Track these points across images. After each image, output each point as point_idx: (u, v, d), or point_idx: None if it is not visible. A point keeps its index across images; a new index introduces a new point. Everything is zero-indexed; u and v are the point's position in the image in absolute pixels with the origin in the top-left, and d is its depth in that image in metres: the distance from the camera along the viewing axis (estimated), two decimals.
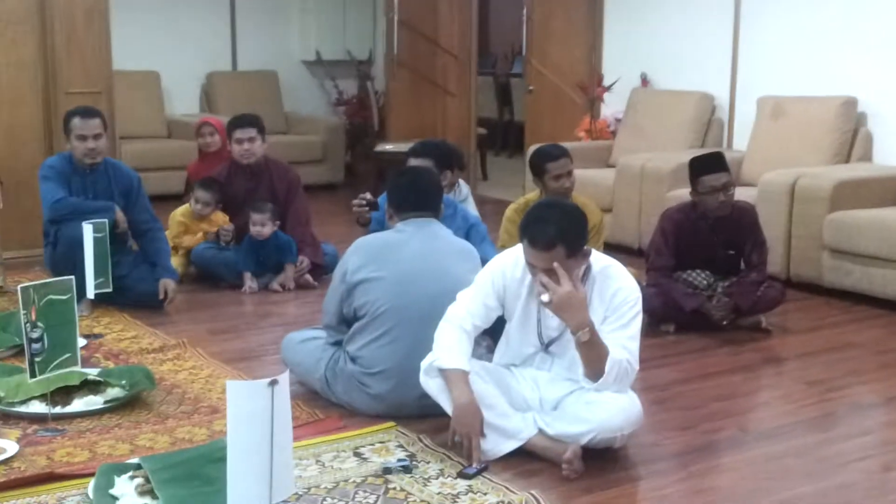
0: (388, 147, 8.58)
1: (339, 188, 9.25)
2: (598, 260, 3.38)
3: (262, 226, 5.56)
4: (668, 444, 3.50)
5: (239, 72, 9.62)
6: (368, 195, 4.86)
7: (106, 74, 6.17)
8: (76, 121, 5.04)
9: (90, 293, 4.61)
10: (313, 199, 6.15)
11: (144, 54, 8.80)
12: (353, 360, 3.67)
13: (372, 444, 3.39)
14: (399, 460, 3.24)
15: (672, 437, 3.57)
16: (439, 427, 3.42)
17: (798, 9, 6.61)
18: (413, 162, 4.70)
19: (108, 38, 6.13)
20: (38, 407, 3.58)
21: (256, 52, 9.68)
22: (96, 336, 4.59)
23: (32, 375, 3.44)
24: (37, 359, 3.43)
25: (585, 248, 3.26)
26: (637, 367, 3.32)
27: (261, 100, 9.18)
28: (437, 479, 3.13)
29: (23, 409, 3.57)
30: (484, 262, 3.67)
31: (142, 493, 2.89)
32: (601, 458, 3.27)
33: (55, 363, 3.48)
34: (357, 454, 3.31)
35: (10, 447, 3.24)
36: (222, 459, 2.74)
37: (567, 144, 5.49)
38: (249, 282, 5.53)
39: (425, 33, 9.42)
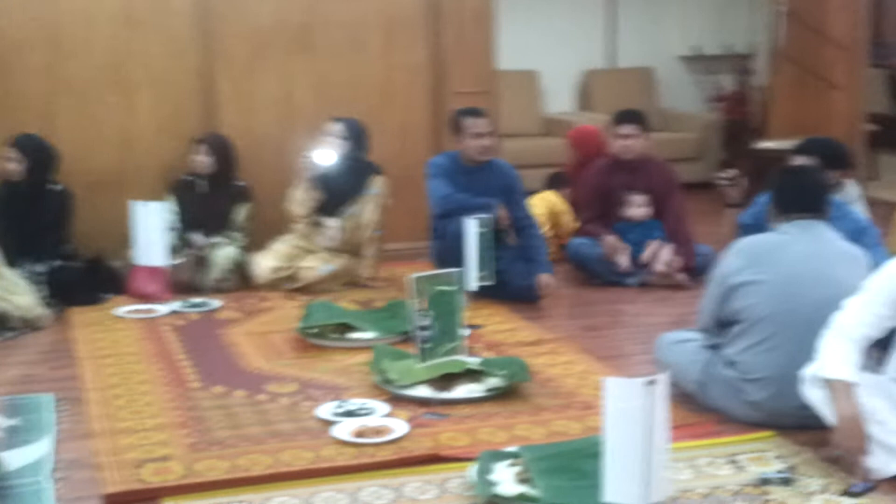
0: (769, 144, 8.28)
1: (714, 187, 9.02)
2: None
3: (645, 206, 5.73)
4: None
5: (615, 69, 9.67)
6: (732, 171, 4.73)
7: (490, 74, 6.38)
8: (469, 120, 5.28)
9: (473, 285, 4.82)
10: (687, 198, 6.06)
11: (523, 54, 9.05)
12: (730, 364, 3.58)
13: (748, 453, 3.29)
14: (778, 471, 3.12)
15: None
16: (821, 440, 3.26)
17: None
18: (798, 160, 4.50)
19: (493, 40, 6.36)
20: (424, 391, 3.79)
21: (635, 49, 9.68)
22: (476, 327, 4.77)
23: (422, 360, 3.65)
24: (426, 345, 3.64)
25: None
26: None
27: (636, 96, 9.15)
28: (820, 494, 2.98)
29: (411, 392, 3.80)
30: (874, 267, 3.44)
31: (521, 482, 2.98)
32: None
33: (442, 350, 3.68)
34: (732, 462, 3.23)
35: (401, 427, 3.46)
36: (598, 455, 2.78)
37: None
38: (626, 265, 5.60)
39: (813, 24, 8.97)
